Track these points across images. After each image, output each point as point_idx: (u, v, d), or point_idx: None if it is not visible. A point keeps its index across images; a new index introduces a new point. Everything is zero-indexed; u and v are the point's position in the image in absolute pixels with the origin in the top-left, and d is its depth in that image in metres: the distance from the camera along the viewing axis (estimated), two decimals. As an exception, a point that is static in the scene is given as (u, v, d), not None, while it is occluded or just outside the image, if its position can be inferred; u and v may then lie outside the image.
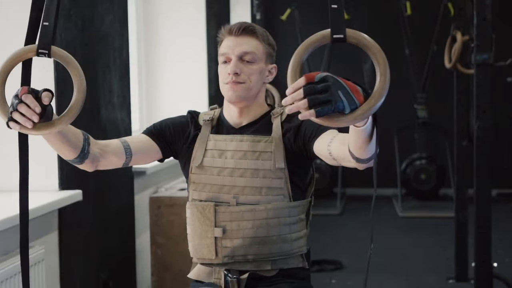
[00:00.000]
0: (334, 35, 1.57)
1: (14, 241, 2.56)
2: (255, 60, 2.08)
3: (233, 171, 2.07)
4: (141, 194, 3.93)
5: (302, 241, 2.13)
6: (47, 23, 1.78)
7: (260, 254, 2.05)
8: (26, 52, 1.83)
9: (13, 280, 2.43)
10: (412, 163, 7.26)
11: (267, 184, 2.05)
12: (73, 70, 1.81)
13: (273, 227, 2.05)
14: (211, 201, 2.08)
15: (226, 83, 2.08)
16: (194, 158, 2.12)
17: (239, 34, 2.08)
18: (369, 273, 4.62)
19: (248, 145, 2.08)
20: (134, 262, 3.79)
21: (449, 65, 4.34)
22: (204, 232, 2.08)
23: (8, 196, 2.79)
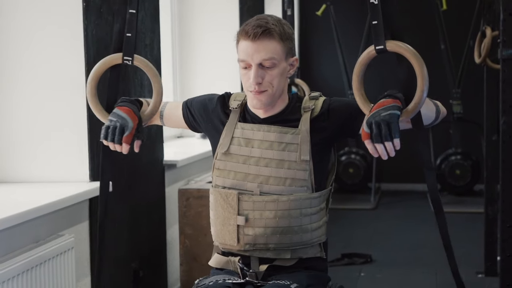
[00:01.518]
0: (377, 47, 2.00)
1: (45, 229, 2.68)
2: (276, 64, 2.09)
3: (259, 161, 2.12)
4: (172, 187, 4.02)
5: (321, 230, 2.19)
6: (130, 34, 2.21)
7: (281, 243, 2.11)
8: (113, 59, 2.23)
9: (43, 266, 2.54)
10: (447, 158, 7.24)
11: (292, 175, 2.10)
12: (152, 76, 2.26)
13: (294, 218, 2.10)
14: (235, 189, 2.13)
15: (249, 91, 2.12)
16: (220, 144, 2.17)
17: (256, 39, 2.06)
18: (400, 265, 4.61)
19: (275, 136, 2.12)
20: (165, 253, 3.89)
21: (479, 60, 4.35)
22: (226, 219, 2.13)
23: (35, 187, 2.89)
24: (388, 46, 2.00)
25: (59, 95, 2.96)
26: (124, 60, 2.22)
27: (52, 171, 2.99)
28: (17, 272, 2.38)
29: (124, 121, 2.11)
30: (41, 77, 2.96)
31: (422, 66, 1.99)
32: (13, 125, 2.96)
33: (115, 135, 2.10)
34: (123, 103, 2.19)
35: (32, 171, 2.98)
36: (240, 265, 2.15)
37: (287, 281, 2.06)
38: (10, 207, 2.48)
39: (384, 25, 2.01)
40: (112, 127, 2.11)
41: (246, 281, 2.12)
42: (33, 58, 2.94)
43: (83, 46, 2.94)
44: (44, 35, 2.94)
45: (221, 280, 2.11)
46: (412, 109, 1.98)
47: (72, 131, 2.98)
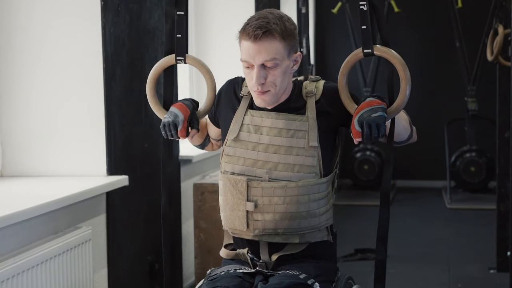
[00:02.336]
0: (365, 50, 2.14)
1: (64, 221, 2.77)
2: (278, 64, 2.11)
3: (268, 147, 2.16)
4: (187, 182, 4.10)
5: (329, 213, 2.23)
6: (180, 35, 2.30)
7: (289, 228, 2.16)
8: (167, 60, 2.34)
9: (62, 257, 2.62)
10: (462, 155, 7.26)
11: (300, 162, 2.15)
12: (205, 73, 2.36)
13: (303, 203, 2.15)
14: (244, 175, 2.17)
15: (253, 90, 2.16)
16: (230, 131, 2.22)
17: (257, 40, 2.09)
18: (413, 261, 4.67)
19: (283, 123, 2.16)
20: (180, 246, 3.97)
21: (491, 58, 4.39)
22: (236, 205, 2.18)
23: (54, 181, 2.98)
24: (376, 50, 2.16)
25: (78, 92, 3.05)
26: (177, 60, 2.32)
27: (70, 165, 3.08)
28: (36, 262, 2.46)
29: (175, 116, 2.21)
30: (61, 74, 3.04)
31: (405, 70, 2.15)
32: (34, 122, 3.05)
33: (171, 131, 2.21)
34: (178, 101, 2.29)
35: (51, 165, 3.07)
36: (250, 255, 2.22)
37: (296, 271, 2.12)
38: (31, 200, 2.56)
39: (373, 30, 2.14)
40: (166, 124, 2.22)
41: (256, 271, 2.18)
42: (53, 55, 3.03)
43: (101, 44, 3.02)
44: (64, 33, 3.02)
45: (232, 270, 2.18)
46: (394, 109, 2.15)
47: (90, 127, 3.07)
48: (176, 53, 2.31)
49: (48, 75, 3.04)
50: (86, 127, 3.07)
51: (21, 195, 2.72)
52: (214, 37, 5.36)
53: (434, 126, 7.69)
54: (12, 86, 3.04)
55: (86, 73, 3.05)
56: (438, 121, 7.60)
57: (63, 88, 3.05)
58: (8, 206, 2.45)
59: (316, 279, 2.12)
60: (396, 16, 7.44)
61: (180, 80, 3.89)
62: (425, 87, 7.92)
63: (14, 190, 2.83)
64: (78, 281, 2.74)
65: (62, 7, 3.01)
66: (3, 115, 3.05)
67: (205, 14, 5.28)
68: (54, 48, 3.03)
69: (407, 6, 7.62)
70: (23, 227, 2.51)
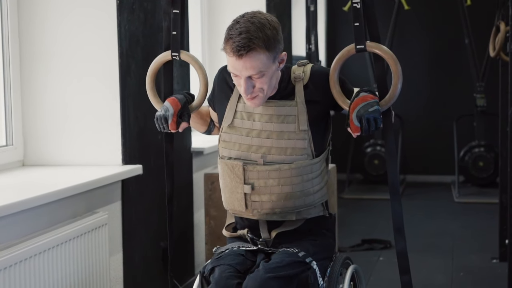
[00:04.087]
0: (357, 46, 2.25)
1: (82, 206, 2.95)
2: (264, 73, 2.21)
3: (261, 133, 2.30)
4: (199, 173, 4.27)
5: (323, 190, 2.38)
6: (175, 32, 2.46)
7: (286, 207, 2.31)
8: (164, 56, 2.50)
9: (80, 239, 2.80)
10: (470, 150, 7.39)
11: (292, 145, 2.29)
12: (198, 69, 2.50)
13: (296, 184, 2.30)
14: (240, 159, 2.32)
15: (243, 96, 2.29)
16: (225, 118, 2.36)
17: (241, 57, 2.17)
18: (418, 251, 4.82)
19: (273, 110, 2.30)
20: (192, 234, 4.15)
21: (493, 54, 4.53)
22: (234, 188, 2.34)
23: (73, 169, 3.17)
24: (368, 46, 2.26)
25: (95, 87, 3.23)
26: (172, 56, 2.48)
27: (88, 155, 3.26)
28: (56, 243, 2.64)
29: (166, 110, 2.37)
30: (79, 69, 3.23)
31: (397, 65, 2.25)
32: (54, 115, 3.24)
33: (162, 124, 2.38)
34: (172, 95, 2.44)
35: (70, 155, 3.25)
36: (249, 235, 2.38)
37: (296, 249, 2.28)
38: (51, 186, 2.74)
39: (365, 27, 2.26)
40: (158, 118, 2.39)
41: (258, 249, 2.34)
42: (72, 52, 3.22)
43: (117, 40, 3.20)
44: (82, 30, 3.20)
45: (235, 248, 2.35)
46: (387, 102, 2.26)
47: (106, 119, 3.25)
48: (171, 49, 2.47)
49: (67, 70, 3.22)
50: (103, 119, 3.25)
51: (42, 182, 2.90)
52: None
53: (443, 121, 7.83)
54: (34, 80, 3.23)
55: (103, 68, 3.23)
56: (447, 117, 7.74)
57: (81, 83, 3.23)
58: (31, 191, 2.63)
59: (314, 257, 2.28)
60: (405, 13, 7.57)
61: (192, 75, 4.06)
62: (434, 84, 8.06)
63: (36, 177, 3.01)
64: (95, 262, 2.92)
65: (80, 6, 3.20)
66: (25, 108, 3.24)
67: (217, 13, 5.44)
68: (73, 45, 3.21)
69: (416, 4, 7.75)
70: (45, 211, 2.69)
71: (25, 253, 2.46)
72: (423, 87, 8.07)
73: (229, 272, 2.19)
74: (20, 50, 3.21)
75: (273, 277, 2.14)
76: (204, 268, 2.29)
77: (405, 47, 7.90)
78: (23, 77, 3.23)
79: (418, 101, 8.05)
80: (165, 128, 2.39)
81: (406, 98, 8.13)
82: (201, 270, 2.29)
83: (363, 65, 7.42)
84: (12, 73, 3.17)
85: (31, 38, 3.21)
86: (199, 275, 2.29)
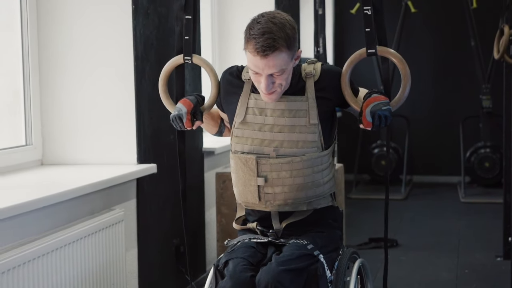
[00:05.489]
0: (368, 50, 2.42)
1: (99, 203, 3.06)
2: (284, 71, 2.32)
3: (273, 127, 2.41)
4: (210, 172, 4.38)
5: (332, 181, 2.51)
6: (187, 37, 2.57)
7: (297, 198, 2.42)
8: (176, 60, 2.60)
9: (97, 235, 2.92)
10: (476, 151, 7.49)
11: (303, 138, 2.40)
12: (209, 72, 2.61)
13: (308, 175, 2.41)
14: (253, 153, 2.42)
15: (260, 91, 2.39)
16: (237, 114, 2.46)
17: (265, 56, 2.26)
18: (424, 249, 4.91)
19: (285, 105, 2.40)
20: (203, 231, 4.26)
21: (497, 56, 4.61)
22: (247, 181, 2.44)
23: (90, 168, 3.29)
24: (379, 50, 2.41)
25: (111, 88, 3.35)
26: (185, 60, 2.58)
27: (104, 155, 3.38)
28: (75, 238, 2.76)
29: (179, 110, 2.47)
30: (96, 72, 3.35)
31: (406, 68, 2.40)
32: (71, 116, 3.36)
33: (178, 123, 2.48)
34: (184, 97, 2.54)
35: (87, 155, 3.38)
36: (259, 228, 2.49)
37: (305, 241, 2.39)
38: (70, 184, 2.86)
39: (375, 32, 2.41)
40: (173, 118, 2.49)
41: (268, 241, 2.45)
42: (89, 55, 3.34)
43: (132, 44, 3.32)
44: (99, 34, 3.33)
45: (247, 240, 2.46)
46: (396, 102, 2.42)
47: (122, 120, 3.36)
48: (184, 53, 2.58)
49: (85, 72, 3.34)
50: (118, 120, 3.37)
51: (61, 181, 3.02)
52: (235, 39, 5.63)
53: (450, 123, 7.93)
54: (52, 83, 3.35)
55: (118, 71, 3.35)
56: (454, 118, 7.84)
57: (98, 85, 3.35)
58: (50, 189, 2.74)
59: (322, 250, 2.39)
60: (412, 16, 7.67)
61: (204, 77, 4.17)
62: (441, 85, 8.16)
63: (54, 176, 3.13)
64: (112, 257, 3.04)
65: (97, 11, 3.32)
66: (44, 109, 3.36)
67: (227, 17, 5.55)
68: (90, 48, 3.33)
69: (423, 7, 7.85)
70: (64, 208, 2.81)
71: (45, 248, 2.57)
72: (429, 89, 8.16)
73: (242, 265, 2.29)
74: (39, 53, 3.33)
75: (285, 270, 2.24)
76: (218, 261, 2.39)
77: (412, 49, 7.99)
78: (41, 80, 3.35)
79: (424, 102, 8.15)
80: (181, 127, 2.49)
81: (413, 99, 8.19)
82: (215, 264, 2.39)
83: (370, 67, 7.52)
84: (32, 76, 3.30)
85: (50, 42, 3.33)
86: (213, 268, 2.39)
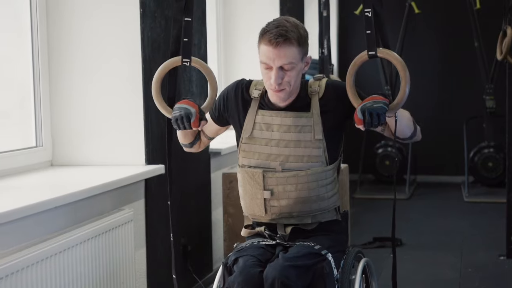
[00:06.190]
0: (369, 52, 2.43)
1: (109, 203, 3.12)
2: (294, 67, 2.41)
3: (279, 142, 2.48)
4: (216, 173, 4.44)
5: (336, 196, 2.56)
6: (186, 39, 2.56)
7: (302, 211, 2.49)
8: (173, 62, 2.57)
9: (108, 234, 2.97)
10: (480, 151, 7.53)
11: (308, 153, 2.47)
12: (208, 74, 2.61)
13: (312, 189, 2.47)
14: (260, 167, 2.49)
15: (270, 89, 2.46)
16: (244, 129, 2.52)
17: (277, 46, 2.36)
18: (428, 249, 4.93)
19: (291, 120, 2.47)
20: (210, 231, 4.32)
21: (500, 58, 4.66)
22: (254, 194, 2.51)
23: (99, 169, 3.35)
24: (379, 52, 2.42)
25: (119, 90, 3.41)
26: (183, 62, 2.57)
27: (113, 156, 3.43)
28: (86, 238, 2.81)
29: (186, 110, 2.46)
30: (105, 74, 3.40)
31: (405, 70, 2.40)
32: (80, 118, 3.42)
33: (184, 123, 2.45)
34: (181, 99, 2.55)
35: (96, 156, 3.43)
36: (267, 232, 2.54)
37: (312, 243, 2.44)
38: (79, 185, 2.91)
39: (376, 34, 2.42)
40: (179, 118, 2.46)
41: (277, 243, 2.50)
42: (98, 58, 3.39)
43: (140, 46, 3.37)
44: (107, 37, 3.38)
45: (256, 242, 2.51)
46: (396, 105, 2.40)
47: (131, 121, 3.42)
48: (182, 55, 2.57)
49: (94, 75, 3.40)
50: (127, 122, 3.42)
51: (70, 181, 3.08)
52: (241, 40, 5.69)
53: (454, 123, 7.97)
54: (62, 85, 3.41)
55: (127, 73, 3.40)
56: (457, 118, 7.87)
57: (107, 87, 3.41)
58: (60, 190, 2.80)
59: (329, 250, 2.44)
60: (416, 17, 7.72)
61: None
62: (444, 86, 8.21)
63: (64, 177, 3.19)
64: (122, 257, 3.09)
65: (105, 15, 3.37)
66: (53, 111, 3.42)
67: (232, 19, 5.61)
68: (99, 51, 3.39)
69: (427, 8, 7.89)
70: (75, 208, 2.86)
71: (57, 247, 2.62)
72: (433, 89, 8.21)
73: (252, 262, 2.36)
74: (49, 56, 3.39)
75: (291, 266, 2.30)
76: (227, 259, 2.45)
77: (416, 49, 8.04)
78: (51, 82, 3.40)
79: (428, 102, 8.19)
80: (187, 126, 2.46)
81: (417, 100, 8.26)
82: (224, 261, 2.45)
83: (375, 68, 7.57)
84: (41, 78, 3.36)
85: (60, 45, 3.39)
86: (222, 266, 2.45)
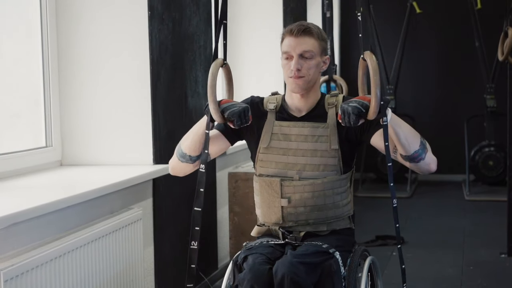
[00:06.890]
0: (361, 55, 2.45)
1: (118, 203, 3.18)
2: (313, 56, 2.55)
3: (296, 152, 2.56)
4: (222, 172, 4.50)
5: (350, 205, 2.65)
6: (225, 41, 2.62)
7: (318, 218, 2.57)
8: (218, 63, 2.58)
9: (117, 233, 3.03)
10: (480, 150, 7.60)
11: (324, 162, 2.55)
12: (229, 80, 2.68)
13: (328, 196, 2.56)
14: (277, 176, 2.56)
15: (290, 77, 2.56)
16: (262, 140, 2.60)
17: (298, 35, 2.53)
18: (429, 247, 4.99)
19: (308, 130, 2.56)
20: (216, 229, 4.38)
21: (502, 59, 4.72)
22: (271, 202, 2.58)
23: (108, 169, 3.40)
24: (365, 55, 2.42)
25: (128, 91, 3.46)
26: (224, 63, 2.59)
27: (122, 156, 3.49)
28: (96, 236, 2.87)
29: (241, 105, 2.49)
30: (113, 76, 3.46)
31: (376, 75, 2.34)
32: (89, 118, 3.48)
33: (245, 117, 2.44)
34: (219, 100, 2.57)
35: (105, 156, 3.49)
36: (282, 230, 2.59)
37: (320, 242, 2.50)
38: (89, 184, 2.97)
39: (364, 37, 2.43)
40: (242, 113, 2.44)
41: (286, 242, 2.57)
42: (107, 60, 3.45)
43: (148, 48, 3.43)
44: (116, 39, 3.44)
45: (265, 241, 2.57)
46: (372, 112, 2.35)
47: (139, 122, 3.48)
48: (224, 57, 2.61)
49: (103, 76, 3.46)
50: (135, 122, 3.48)
51: (80, 181, 3.14)
52: (245, 41, 5.75)
53: (455, 122, 8.03)
54: (71, 86, 3.47)
55: (135, 74, 3.46)
56: (458, 117, 7.94)
57: (116, 87, 3.46)
58: (70, 189, 2.86)
59: (337, 249, 2.50)
60: (418, 17, 7.78)
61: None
62: (445, 85, 8.27)
63: (74, 176, 3.24)
64: (131, 255, 3.15)
65: (114, 17, 3.43)
66: (63, 112, 3.47)
67: (237, 20, 5.66)
68: (108, 52, 3.45)
69: (428, 8, 7.95)
70: (85, 207, 2.92)
71: (68, 246, 2.67)
72: (434, 88, 8.27)
73: (261, 259, 2.41)
74: (59, 57, 3.45)
75: (300, 262, 2.36)
76: (236, 257, 2.51)
77: (417, 49, 8.10)
78: (61, 83, 3.46)
79: (429, 101, 8.26)
80: (246, 121, 2.46)
81: (418, 99, 8.36)
82: (234, 259, 2.51)
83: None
84: (51, 79, 3.41)
85: (69, 46, 3.44)
86: (232, 264, 2.51)
